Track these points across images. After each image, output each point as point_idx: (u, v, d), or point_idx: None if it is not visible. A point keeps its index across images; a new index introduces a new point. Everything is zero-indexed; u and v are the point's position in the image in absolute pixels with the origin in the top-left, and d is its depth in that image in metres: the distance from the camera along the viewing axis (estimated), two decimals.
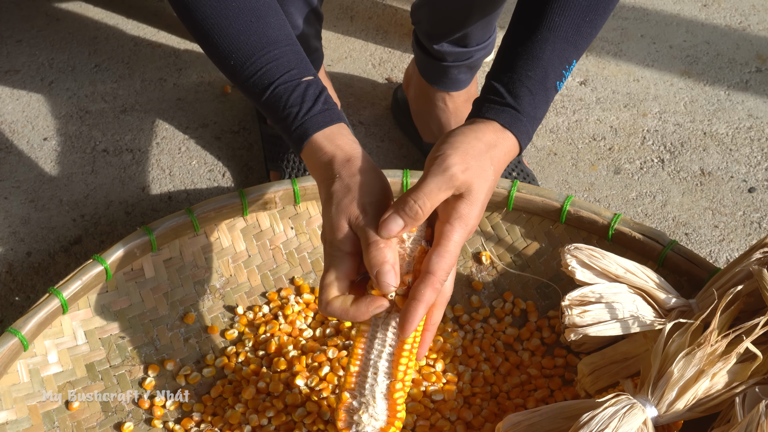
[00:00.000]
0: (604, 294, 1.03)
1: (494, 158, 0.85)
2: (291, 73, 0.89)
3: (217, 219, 1.18)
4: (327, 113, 0.88)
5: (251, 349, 1.12)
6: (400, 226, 0.81)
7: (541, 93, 0.87)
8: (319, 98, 0.89)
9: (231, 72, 0.90)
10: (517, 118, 0.86)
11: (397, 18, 1.63)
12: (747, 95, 1.50)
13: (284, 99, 0.88)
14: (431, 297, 0.81)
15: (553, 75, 0.88)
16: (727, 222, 1.33)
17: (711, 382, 0.91)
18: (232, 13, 0.88)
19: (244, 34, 0.89)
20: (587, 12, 0.88)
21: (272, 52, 0.89)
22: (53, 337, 1.10)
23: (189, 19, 0.90)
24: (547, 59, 0.87)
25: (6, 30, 1.61)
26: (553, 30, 0.87)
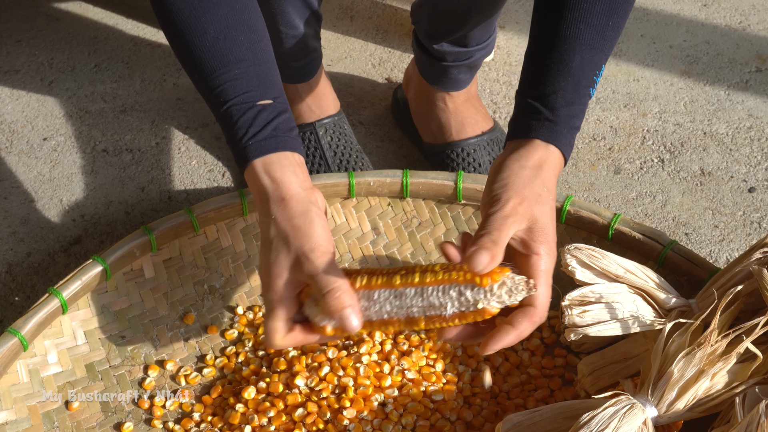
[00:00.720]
0: (604, 294, 1.03)
1: (545, 179, 0.85)
2: (247, 95, 0.89)
3: (217, 219, 1.18)
4: (272, 140, 0.88)
5: (251, 349, 1.12)
6: (488, 258, 0.79)
7: (577, 101, 0.87)
8: (269, 123, 0.88)
9: (196, 85, 0.92)
10: (557, 131, 0.86)
11: (397, 18, 1.63)
12: (747, 95, 1.50)
13: (233, 120, 0.88)
14: (527, 330, 0.82)
15: (585, 82, 0.88)
16: (727, 222, 1.33)
17: (711, 382, 0.91)
18: (200, 29, 0.89)
19: (208, 52, 0.89)
20: (609, 16, 0.88)
21: (232, 71, 0.89)
22: (53, 337, 1.10)
23: (164, 27, 0.91)
24: (577, 67, 0.87)
25: (6, 30, 1.61)
26: (578, 38, 0.87)
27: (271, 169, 0.87)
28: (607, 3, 0.87)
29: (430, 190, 1.20)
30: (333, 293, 0.81)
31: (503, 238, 0.80)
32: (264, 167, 0.87)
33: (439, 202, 1.21)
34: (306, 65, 1.28)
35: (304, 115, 1.34)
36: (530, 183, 0.84)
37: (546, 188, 0.84)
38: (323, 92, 1.35)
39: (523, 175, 0.84)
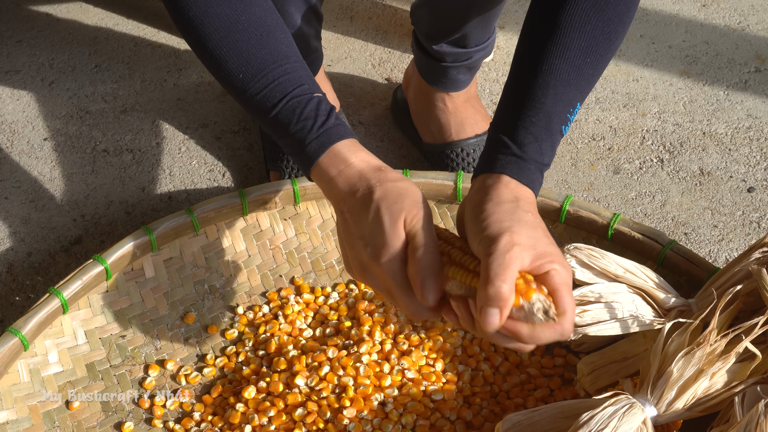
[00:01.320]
0: (604, 294, 1.03)
1: (525, 207, 0.82)
2: (303, 87, 0.88)
3: (217, 219, 1.18)
4: (341, 127, 0.87)
5: (251, 349, 1.12)
6: (497, 317, 0.75)
7: (547, 139, 0.86)
8: (331, 113, 0.87)
9: (239, 87, 0.88)
10: (524, 167, 0.85)
11: (396, 18, 1.63)
12: (746, 95, 1.50)
13: (297, 112, 0.86)
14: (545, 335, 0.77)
15: (557, 120, 0.86)
16: (726, 222, 1.33)
17: (710, 382, 0.91)
18: (241, 27, 0.87)
19: (255, 48, 0.87)
20: (587, 54, 0.86)
21: (283, 65, 0.88)
22: (53, 337, 1.10)
23: (195, 34, 0.88)
24: (550, 104, 0.85)
25: (6, 30, 1.61)
26: (553, 74, 0.86)
27: (356, 150, 0.86)
28: (587, 41, 0.86)
29: (430, 190, 1.20)
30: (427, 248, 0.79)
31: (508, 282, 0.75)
32: (351, 149, 0.85)
33: (439, 202, 1.21)
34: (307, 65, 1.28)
35: None
36: (513, 214, 0.80)
37: (530, 213, 0.82)
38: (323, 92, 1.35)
39: (504, 210, 0.81)
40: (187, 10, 0.87)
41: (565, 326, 0.77)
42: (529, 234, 0.78)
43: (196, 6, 0.87)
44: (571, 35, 0.86)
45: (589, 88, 0.89)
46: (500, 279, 0.75)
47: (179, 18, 0.89)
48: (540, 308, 0.77)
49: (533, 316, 0.76)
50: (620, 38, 0.89)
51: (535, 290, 0.76)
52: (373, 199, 0.82)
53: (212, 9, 0.87)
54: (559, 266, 0.78)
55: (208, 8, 0.87)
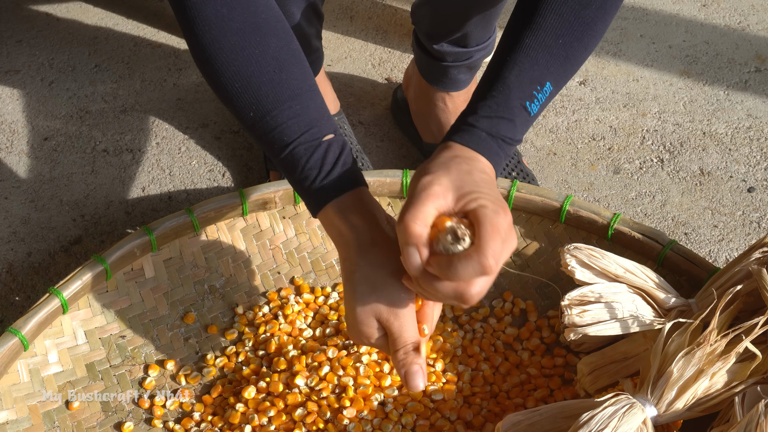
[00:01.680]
0: (604, 294, 1.03)
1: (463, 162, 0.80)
2: (311, 132, 0.86)
3: (217, 219, 1.18)
4: (345, 177, 0.85)
5: (251, 349, 1.12)
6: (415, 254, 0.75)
7: (504, 113, 0.84)
8: (339, 160, 0.86)
9: (249, 123, 0.87)
10: (473, 134, 0.84)
11: (397, 18, 1.63)
12: (746, 95, 1.50)
13: (303, 161, 0.85)
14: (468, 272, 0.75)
15: (518, 94, 0.85)
16: (726, 222, 1.33)
17: (710, 382, 0.91)
18: (255, 61, 0.84)
19: (267, 86, 0.85)
20: (560, 35, 0.86)
21: (294, 107, 0.85)
22: (53, 337, 1.10)
23: (207, 64, 0.86)
24: (513, 79, 0.85)
25: (6, 30, 1.61)
26: (521, 51, 0.85)
27: (349, 212, 0.85)
28: (562, 22, 0.86)
29: None
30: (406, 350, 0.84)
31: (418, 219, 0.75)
32: (342, 212, 0.85)
33: None
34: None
35: None
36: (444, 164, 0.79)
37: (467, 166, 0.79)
38: (323, 92, 1.36)
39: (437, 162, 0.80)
40: (200, 37, 0.85)
41: (484, 258, 0.74)
42: (457, 177, 0.77)
43: (209, 35, 0.84)
44: (545, 15, 0.86)
45: (564, 71, 0.88)
46: (409, 214, 0.75)
47: (193, 45, 0.86)
48: (453, 235, 0.74)
49: (449, 245, 0.75)
50: (599, 24, 0.88)
51: (449, 219, 0.75)
52: (352, 282, 0.85)
53: (226, 39, 0.84)
54: (487, 202, 0.76)
55: (222, 38, 0.84)
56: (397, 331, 0.83)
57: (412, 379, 0.83)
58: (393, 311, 0.83)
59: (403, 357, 0.83)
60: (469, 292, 0.77)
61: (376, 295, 0.83)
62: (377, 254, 0.84)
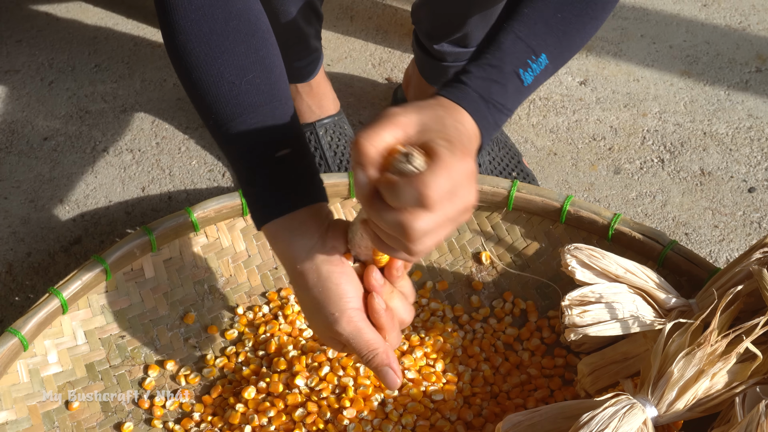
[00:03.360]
0: (604, 294, 1.03)
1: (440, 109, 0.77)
2: (266, 146, 0.84)
3: (217, 219, 1.18)
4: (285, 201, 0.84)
5: (251, 349, 1.12)
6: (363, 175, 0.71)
7: (497, 77, 0.83)
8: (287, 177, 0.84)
9: (210, 129, 0.87)
10: (464, 91, 0.82)
11: (397, 18, 1.63)
12: (747, 95, 1.50)
13: (252, 174, 0.84)
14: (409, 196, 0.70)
15: (512, 60, 0.84)
16: (727, 222, 1.33)
17: (711, 382, 0.91)
18: (216, 71, 0.84)
19: (224, 98, 0.84)
20: (559, 9, 0.86)
21: (249, 120, 0.84)
22: (53, 337, 1.10)
23: (177, 64, 0.87)
24: (508, 45, 0.84)
25: (6, 30, 1.61)
26: (519, 20, 0.85)
27: (281, 237, 0.84)
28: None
29: None
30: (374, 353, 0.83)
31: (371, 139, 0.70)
32: (274, 235, 0.84)
33: None
34: (307, 65, 1.28)
35: (304, 114, 1.34)
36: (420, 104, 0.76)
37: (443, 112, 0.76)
38: (323, 92, 1.36)
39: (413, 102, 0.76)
40: (171, 39, 0.85)
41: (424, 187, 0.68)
42: (428, 117, 0.74)
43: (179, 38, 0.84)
44: None
45: (560, 47, 0.87)
46: (364, 134, 0.71)
47: (166, 45, 0.87)
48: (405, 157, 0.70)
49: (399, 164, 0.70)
50: (599, 5, 0.88)
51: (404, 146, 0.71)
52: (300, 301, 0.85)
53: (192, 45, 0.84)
54: (446, 142, 0.71)
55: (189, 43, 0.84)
56: (354, 339, 0.82)
57: (386, 380, 0.84)
58: (340, 325, 0.82)
59: (372, 360, 0.83)
60: (411, 225, 0.70)
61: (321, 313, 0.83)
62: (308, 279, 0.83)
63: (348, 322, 0.82)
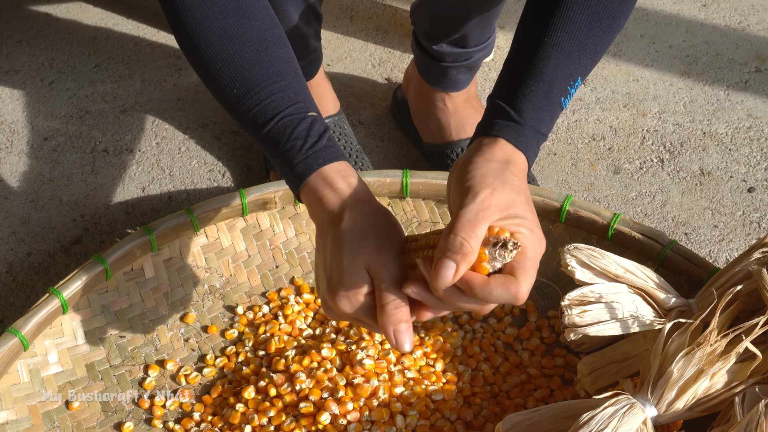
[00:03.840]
0: (604, 294, 1.03)
1: (515, 172, 0.81)
2: (296, 106, 0.85)
3: (217, 219, 1.18)
4: (332, 149, 0.85)
5: (251, 349, 1.12)
6: (452, 270, 0.73)
7: (546, 108, 0.85)
8: (324, 134, 0.85)
9: (232, 102, 0.87)
10: (522, 132, 0.83)
11: (396, 18, 1.63)
12: (746, 95, 1.50)
13: (288, 131, 0.84)
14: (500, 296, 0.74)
15: (557, 90, 0.85)
16: (726, 222, 1.33)
17: (710, 382, 0.91)
18: (238, 41, 0.85)
19: (250, 63, 0.85)
20: (591, 28, 0.86)
21: (278, 82, 0.85)
22: (53, 337, 1.10)
23: (191, 47, 0.87)
24: (550, 74, 0.84)
25: (6, 30, 1.61)
26: (556, 45, 0.85)
27: (341, 175, 0.83)
28: (591, 16, 0.85)
29: (429, 190, 1.20)
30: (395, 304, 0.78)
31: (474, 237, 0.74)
32: (339, 173, 0.83)
33: (439, 202, 1.21)
34: (306, 65, 1.29)
35: None
36: (500, 174, 0.79)
37: (516, 177, 0.80)
38: (323, 92, 1.36)
39: (492, 168, 0.79)
40: (184, 23, 0.86)
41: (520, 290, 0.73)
42: (510, 197, 0.77)
43: (192, 19, 0.85)
44: (574, 9, 0.85)
45: (592, 65, 0.88)
46: (466, 231, 0.73)
47: (177, 30, 0.87)
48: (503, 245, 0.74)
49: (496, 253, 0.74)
50: (624, 17, 0.88)
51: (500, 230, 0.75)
52: (339, 231, 0.80)
53: (209, 22, 0.85)
54: (527, 231, 0.76)
55: (205, 21, 0.85)
56: (388, 281, 0.78)
57: (400, 337, 0.78)
58: (383, 260, 0.79)
59: (393, 311, 0.78)
60: (488, 309, 0.78)
61: (367, 240, 0.79)
62: (366, 207, 0.82)
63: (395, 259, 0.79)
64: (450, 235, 0.74)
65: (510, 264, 0.75)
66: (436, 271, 0.73)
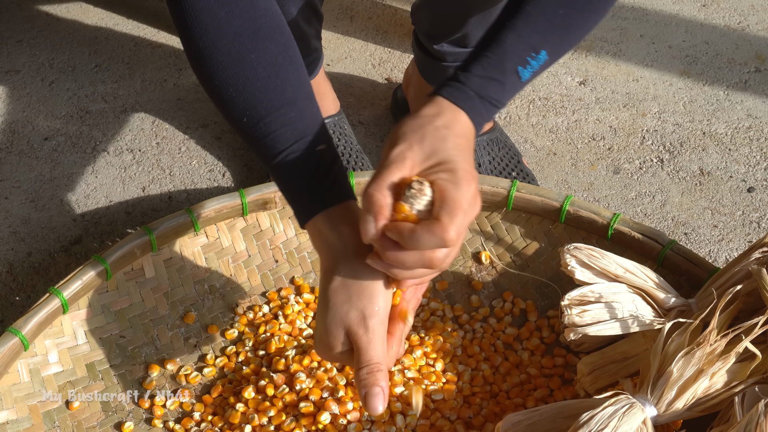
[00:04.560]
0: (604, 294, 1.03)
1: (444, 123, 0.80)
2: (305, 140, 0.84)
3: (217, 219, 1.18)
4: (335, 191, 0.84)
5: (251, 348, 1.12)
6: (371, 223, 0.75)
7: (497, 75, 0.84)
8: (329, 171, 0.84)
9: (243, 129, 0.86)
10: (463, 91, 0.83)
11: (397, 18, 1.63)
12: (746, 95, 1.50)
13: (294, 171, 0.84)
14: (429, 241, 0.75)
15: (512, 58, 0.84)
16: (726, 222, 1.33)
17: (710, 382, 0.91)
18: (250, 66, 0.83)
19: (260, 92, 0.84)
20: (561, 5, 0.86)
21: (288, 114, 0.84)
22: (53, 337, 1.10)
23: (202, 67, 0.85)
24: (509, 43, 0.84)
25: (6, 30, 1.61)
26: (521, 17, 0.85)
27: (337, 222, 0.83)
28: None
29: None
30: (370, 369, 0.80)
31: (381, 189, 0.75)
32: (331, 221, 0.83)
33: None
34: (307, 65, 1.29)
35: None
36: (421, 128, 0.79)
37: (445, 128, 0.79)
38: (323, 92, 1.36)
39: (415, 123, 0.79)
40: (197, 41, 0.84)
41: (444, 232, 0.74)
42: (431, 147, 0.78)
43: (206, 38, 0.83)
44: None
45: (561, 42, 0.88)
46: (373, 185, 0.76)
47: (188, 48, 0.86)
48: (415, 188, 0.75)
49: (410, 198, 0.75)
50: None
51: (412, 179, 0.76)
52: (327, 291, 0.83)
53: (222, 43, 0.83)
54: (447, 174, 0.76)
55: (218, 41, 0.83)
56: (365, 346, 0.81)
57: (372, 401, 0.80)
58: (364, 324, 0.81)
59: (366, 376, 0.80)
60: (436, 258, 0.77)
61: (350, 304, 0.81)
62: (361, 263, 0.82)
63: (377, 322, 0.81)
64: (363, 193, 0.77)
65: (435, 208, 0.75)
66: (361, 227, 0.76)
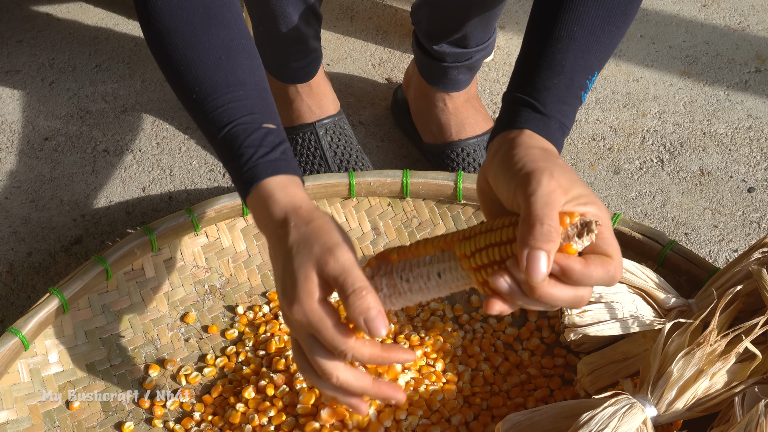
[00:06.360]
0: (604, 294, 1.03)
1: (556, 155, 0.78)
2: (253, 116, 0.84)
3: (217, 219, 1.18)
4: (282, 162, 0.84)
5: (251, 349, 1.12)
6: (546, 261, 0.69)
7: (568, 101, 0.83)
8: (277, 147, 0.84)
9: (192, 106, 0.86)
10: (549, 124, 0.81)
11: (397, 18, 1.63)
12: (746, 95, 1.50)
13: (240, 140, 0.83)
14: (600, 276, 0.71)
15: (577, 84, 0.84)
16: (726, 222, 1.33)
17: (710, 382, 0.91)
18: (202, 47, 0.85)
19: (211, 70, 0.85)
20: (605, 23, 0.85)
21: (237, 92, 0.85)
22: (54, 337, 1.10)
23: (158, 48, 0.87)
24: (570, 67, 0.83)
25: (6, 30, 1.61)
26: (573, 39, 0.84)
27: (286, 187, 0.82)
28: (604, 9, 0.85)
29: (430, 190, 1.20)
30: (357, 292, 0.75)
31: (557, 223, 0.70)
32: (279, 186, 0.82)
33: (439, 202, 1.21)
34: (306, 65, 1.29)
35: (304, 115, 1.34)
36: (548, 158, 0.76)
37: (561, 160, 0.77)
38: (323, 92, 1.36)
39: (537, 154, 0.76)
40: (153, 25, 0.86)
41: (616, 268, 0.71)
42: (567, 177, 0.74)
43: (161, 22, 0.86)
44: (588, 4, 0.84)
45: (606, 58, 0.88)
46: (550, 218, 0.70)
47: (146, 32, 0.88)
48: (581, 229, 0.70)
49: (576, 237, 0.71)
50: (634, 12, 0.88)
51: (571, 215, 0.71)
52: (287, 246, 0.79)
53: (176, 25, 0.86)
54: (594, 208, 0.73)
55: (172, 24, 0.86)
56: (341, 272, 0.76)
57: (373, 325, 0.75)
58: (332, 253, 0.77)
59: (357, 301, 0.75)
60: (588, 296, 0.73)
61: (311, 244, 0.77)
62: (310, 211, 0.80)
63: (347, 251, 0.77)
64: (536, 224, 0.70)
65: (592, 244, 0.72)
66: (530, 266, 0.69)
